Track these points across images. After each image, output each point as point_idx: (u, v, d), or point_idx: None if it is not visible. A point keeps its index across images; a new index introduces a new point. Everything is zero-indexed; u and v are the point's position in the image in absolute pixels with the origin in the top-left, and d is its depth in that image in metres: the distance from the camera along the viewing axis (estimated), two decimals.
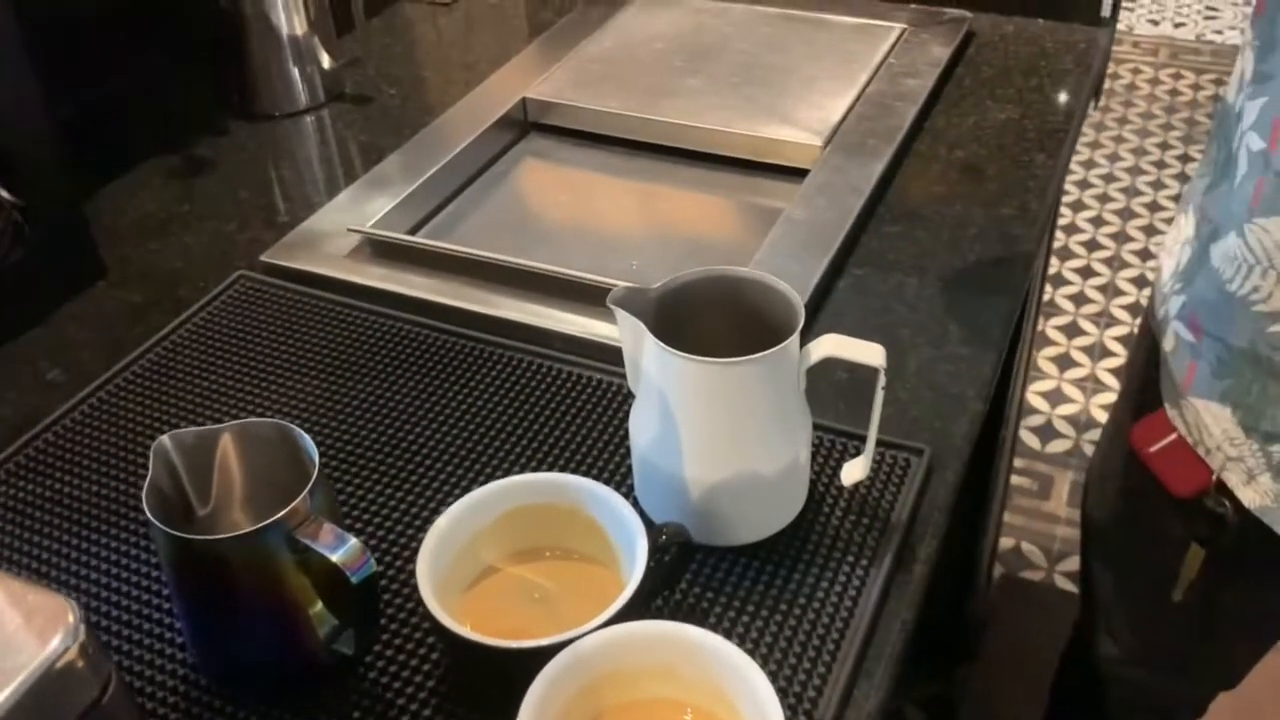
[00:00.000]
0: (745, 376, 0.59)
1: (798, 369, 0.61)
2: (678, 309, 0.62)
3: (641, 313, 0.60)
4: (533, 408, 0.75)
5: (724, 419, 0.60)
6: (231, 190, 1.01)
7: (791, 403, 0.62)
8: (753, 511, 0.63)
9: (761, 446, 0.61)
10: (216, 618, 0.57)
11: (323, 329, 0.82)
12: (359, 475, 0.70)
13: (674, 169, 1.03)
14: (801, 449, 0.63)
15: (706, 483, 0.61)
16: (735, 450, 0.61)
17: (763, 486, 0.62)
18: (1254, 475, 0.74)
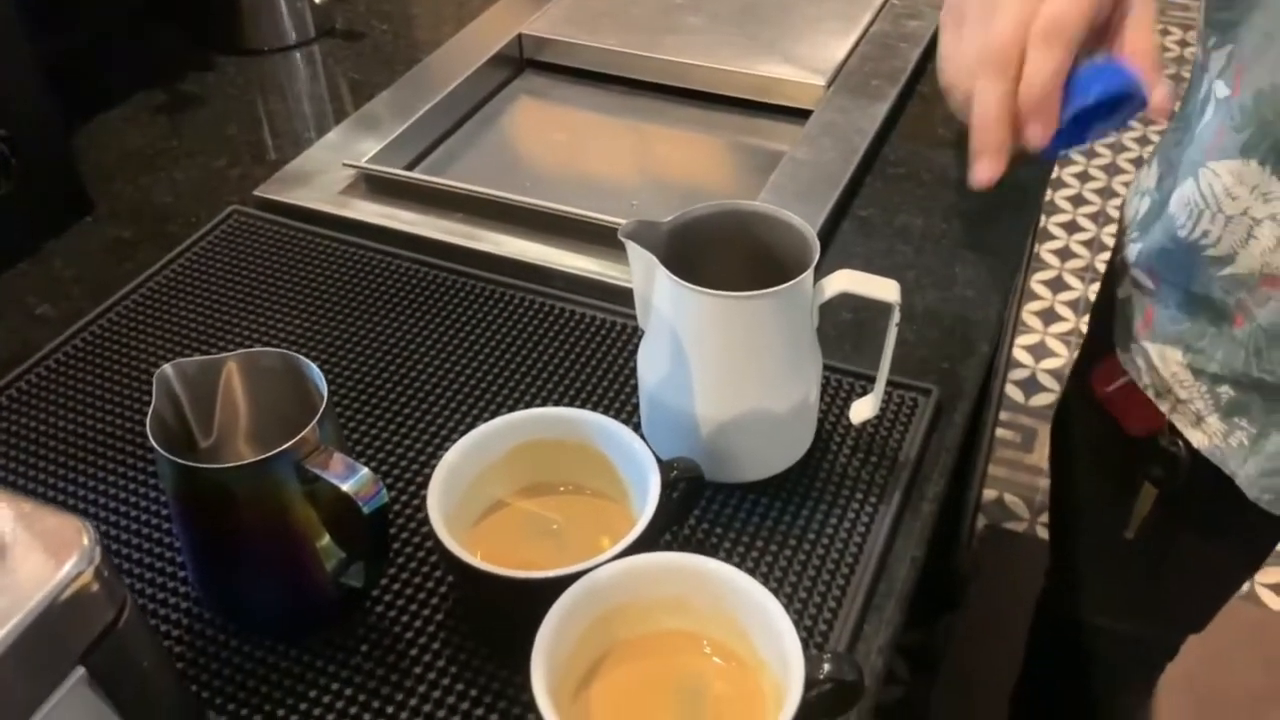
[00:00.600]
0: (759, 311, 0.58)
1: (811, 305, 0.61)
2: (689, 244, 0.61)
3: (653, 246, 0.59)
4: (534, 346, 0.74)
5: (737, 355, 0.59)
6: (220, 126, 0.99)
7: (804, 339, 0.61)
8: (762, 449, 0.63)
9: (773, 383, 0.60)
10: (222, 550, 0.56)
11: (318, 265, 0.81)
12: (361, 410, 0.69)
13: (673, 108, 1.01)
14: (812, 387, 0.63)
15: (716, 420, 0.61)
16: (746, 387, 0.60)
17: (773, 424, 0.61)
18: (1202, 417, 0.74)
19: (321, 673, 0.55)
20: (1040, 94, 0.52)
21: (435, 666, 0.56)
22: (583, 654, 0.51)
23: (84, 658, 0.38)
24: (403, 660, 0.56)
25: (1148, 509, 0.84)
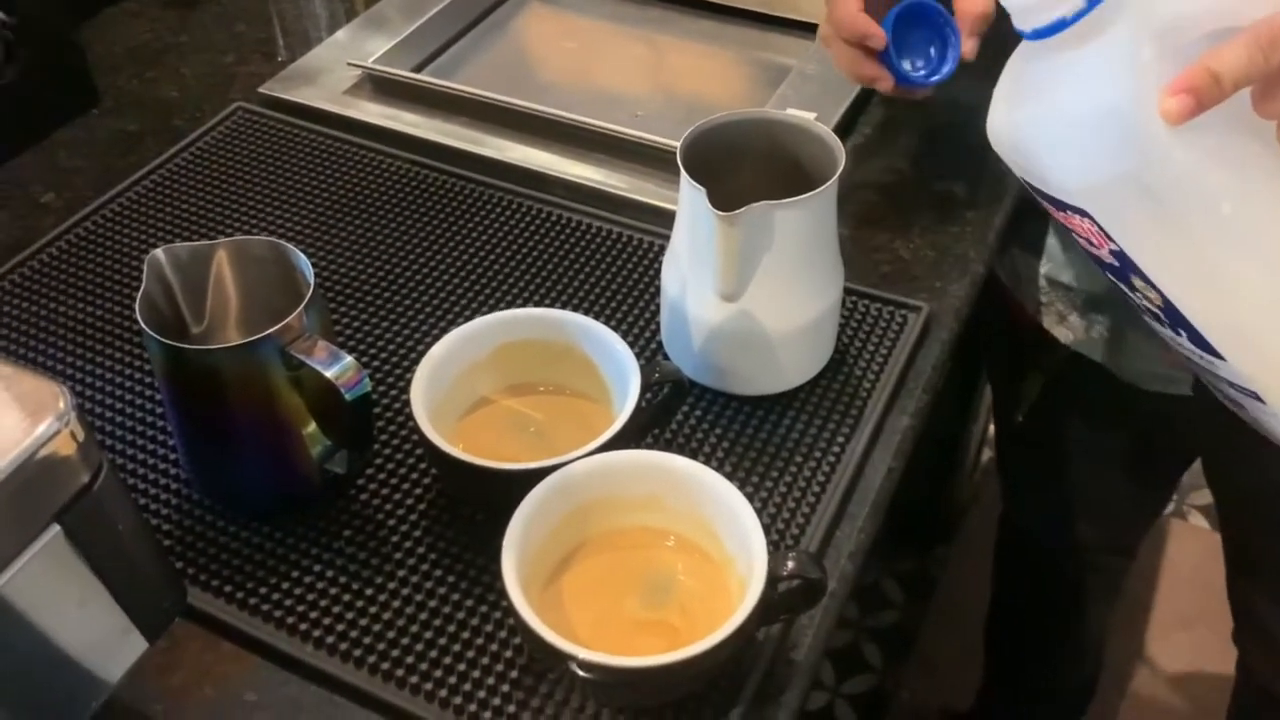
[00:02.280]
0: (782, 221, 0.57)
1: (835, 217, 0.60)
2: (711, 152, 0.61)
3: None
4: (531, 251, 0.74)
5: (756, 267, 0.59)
6: (228, 23, 0.98)
7: (827, 253, 0.61)
8: (777, 364, 0.63)
9: (793, 297, 0.60)
10: (209, 433, 0.57)
11: (319, 163, 0.81)
12: (355, 306, 0.70)
13: (684, 20, 1.00)
14: (833, 302, 0.63)
15: (732, 332, 0.61)
16: (764, 299, 0.60)
17: (789, 339, 0.62)
18: (1064, 316, 0.80)
19: (304, 555, 0.57)
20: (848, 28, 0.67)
21: (415, 553, 0.57)
22: (555, 546, 0.52)
23: (59, 516, 0.39)
24: (384, 546, 0.57)
25: (1034, 393, 0.91)
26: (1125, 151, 0.45)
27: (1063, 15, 0.45)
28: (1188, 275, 0.49)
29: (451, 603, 0.55)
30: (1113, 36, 0.44)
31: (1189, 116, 0.42)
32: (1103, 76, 0.44)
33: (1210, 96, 0.42)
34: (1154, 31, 0.43)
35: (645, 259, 0.73)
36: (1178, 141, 0.44)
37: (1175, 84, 0.42)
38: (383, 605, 0.55)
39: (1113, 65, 0.44)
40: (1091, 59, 0.45)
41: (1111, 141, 0.45)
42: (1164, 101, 0.42)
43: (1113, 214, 0.48)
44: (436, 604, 0.55)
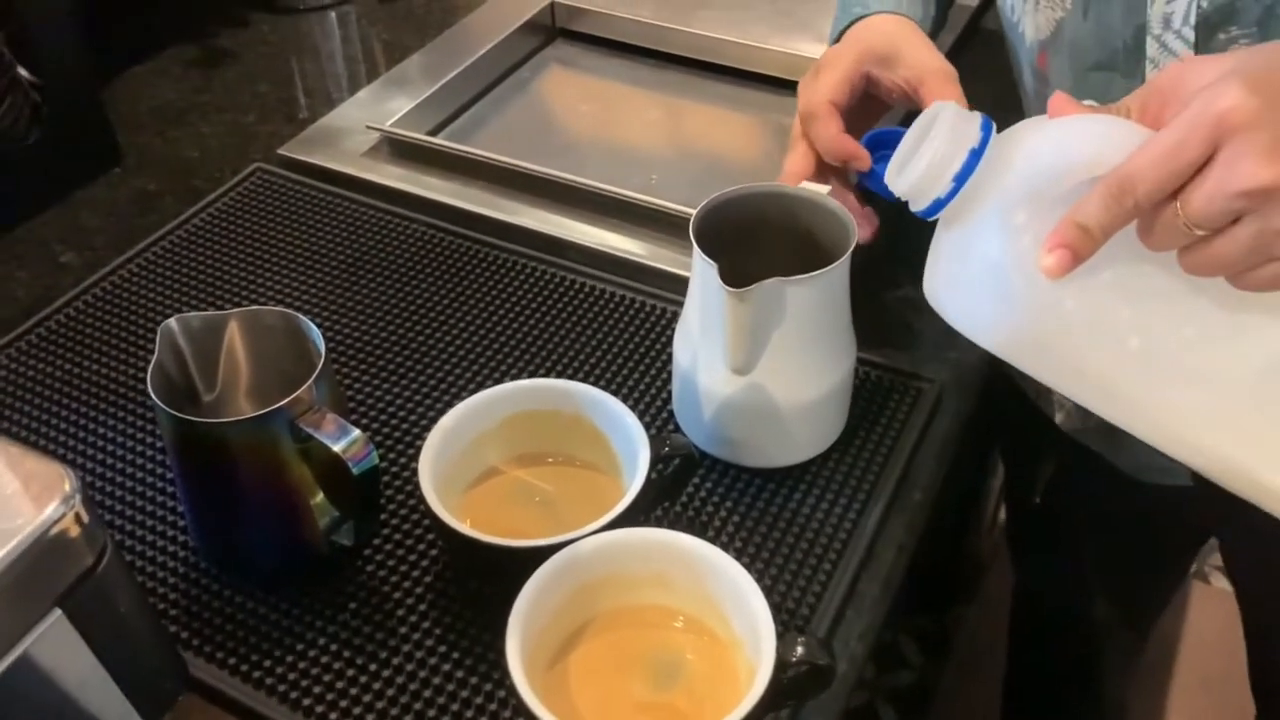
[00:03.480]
0: (794, 297, 0.57)
1: (847, 292, 0.60)
2: (724, 224, 0.61)
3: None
4: (544, 317, 0.74)
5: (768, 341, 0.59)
6: (251, 83, 1.00)
7: (839, 327, 0.61)
8: (789, 437, 0.63)
9: (804, 371, 0.60)
10: (218, 503, 0.57)
11: (337, 226, 0.82)
12: (367, 371, 0.70)
13: (703, 84, 1.01)
14: (844, 376, 0.62)
15: (742, 405, 0.61)
16: (776, 373, 0.60)
17: (801, 413, 0.61)
18: (1063, 404, 0.80)
19: (309, 627, 0.57)
20: (832, 152, 0.64)
21: (420, 628, 0.57)
22: (561, 624, 0.52)
23: (61, 600, 0.39)
24: (389, 619, 0.57)
25: (1049, 472, 0.91)
26: (1020, 309, 0.46)
27: (938, 196, 0.47)
28: (1125, 408, 0.49)
29: (456, 680, 0.54)
30: (990, 205, 0.46)
31: (1068, 269, 0.44)
32: (988, 242, 0.46)
33: (1084, 247, 0.43)
34: (1022, 196, 0.45)
35: (659, 325, 0.73)
36: (1066, 292, 0.45)
37: (1049, 241, 0.44)
38: (386, 681, 0.54)
39: (993, 231, 0.46)
40: (977, 227, 0.47)
41: (1005, 301, 0.46)
42: (1041, 259, 0.44)
43: (1030, 364, 0.49)
44: (440, 680, 0.54)
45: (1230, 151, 0.38)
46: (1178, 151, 0.39)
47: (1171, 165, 0.40)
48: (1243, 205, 0.39)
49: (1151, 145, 0.40)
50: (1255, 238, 0.39)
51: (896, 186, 0.50)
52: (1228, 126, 0.38)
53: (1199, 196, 0.39)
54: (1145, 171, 0.40)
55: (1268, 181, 0.38)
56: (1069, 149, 0.46)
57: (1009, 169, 0.46)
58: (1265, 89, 0.38)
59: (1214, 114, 0.39)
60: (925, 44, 0.67)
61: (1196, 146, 0.39)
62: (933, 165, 0.47)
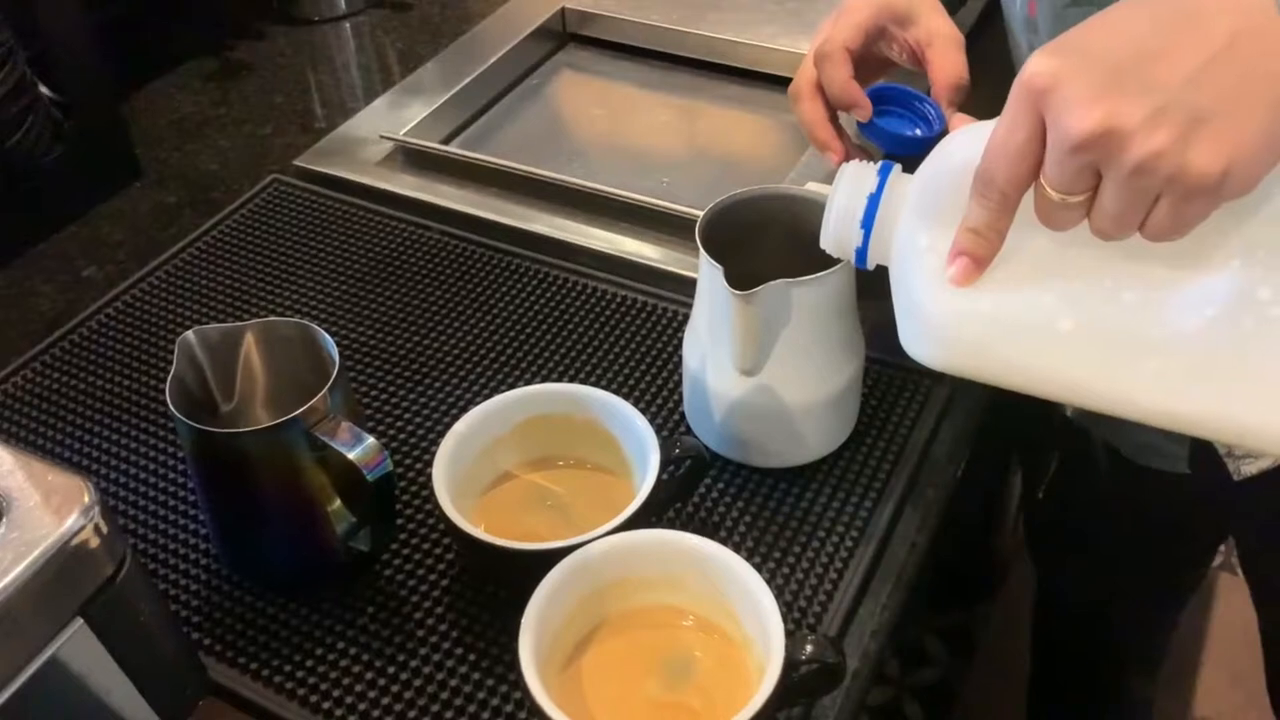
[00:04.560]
0: (799, 298, 0.58)
1: (854, 294, 0.61)
2: (732, 226, 0.62)
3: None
4: (557, 321, 0.75)
5: (775, 342, 0.59)
6: (268, 95, 1.01)
7: (845, 328, 0.61)
8: (797, 437, 0.63)
9: (811, 372, 0.61)
10: (237, 511, 0.58)
11: (353, 235, 0.83)
12: (384, 379, 0.71)
13: (714, 85, 1.01)
14: (852, 377, 0.63)
15: (751, 406, 0.61)
16: (783, 375, 0.60)
17: (809, 413, 0.62)
18: None
19: (328, 631, 0.58)
20: (840, 96, 0.67)
21: (437, 630, 0.57)
22: (574, 626, 0.53)
23: (83, 609, 0.40)
24: (406, 623, 0.58)
25: (1050, 471, 0.93)
26: (946, 325, 0.47)
27: (856, 246, 0.50)
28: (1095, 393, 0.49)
29: (473, 682, 0.55)
30: (900, 238, 0.49)
31: (973, 274, 0.45)
32: (907, 272, 0.48)
33: (979, 249, 0.44)
34: (920, 219, 0.47)
35: (670, 327, 0.74)
36: (982, 295, 0.46)
37: (950, 253, 0.45)
38: (404, 684, 0.55)
39: (908, 260, 0.48)
40: (896, 262, 0.49)
41: (934, 321, 0.47)
42: (948, 272, 0.45)
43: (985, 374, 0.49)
44: (458, 683, 0.55)
45: (1052, 114, 0.39)
46: (1010, 133, 0.40)
47: (1010, 147, 0.41)
48: (1087, 157, 0.39)
49: (993, 135, 0.41)
50: (1123, 183, 0.39)
51: (826, 247, 0.52)
52: (1038, 92, 0.39)
53: (1049, 166, 0.40)
54: (994, 161, 0.42)
55: (1094, 125, 0.38)
56: (947, 163, 0.47)
57: (906, 200, 0.49)
58: (1061, 49, 0.39)
59: (1022, 88, 0.40)
60: (939, 10, 0.69)
61: (1024, 123, 0.40)
62: (839, 219, 0.50)
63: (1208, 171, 0.38)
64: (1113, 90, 0.38)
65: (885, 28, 0.70)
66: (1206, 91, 0.38)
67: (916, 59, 0.72)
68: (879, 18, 0.69)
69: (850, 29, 0.69)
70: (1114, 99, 0.38)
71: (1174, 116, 0.37)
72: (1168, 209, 0.39)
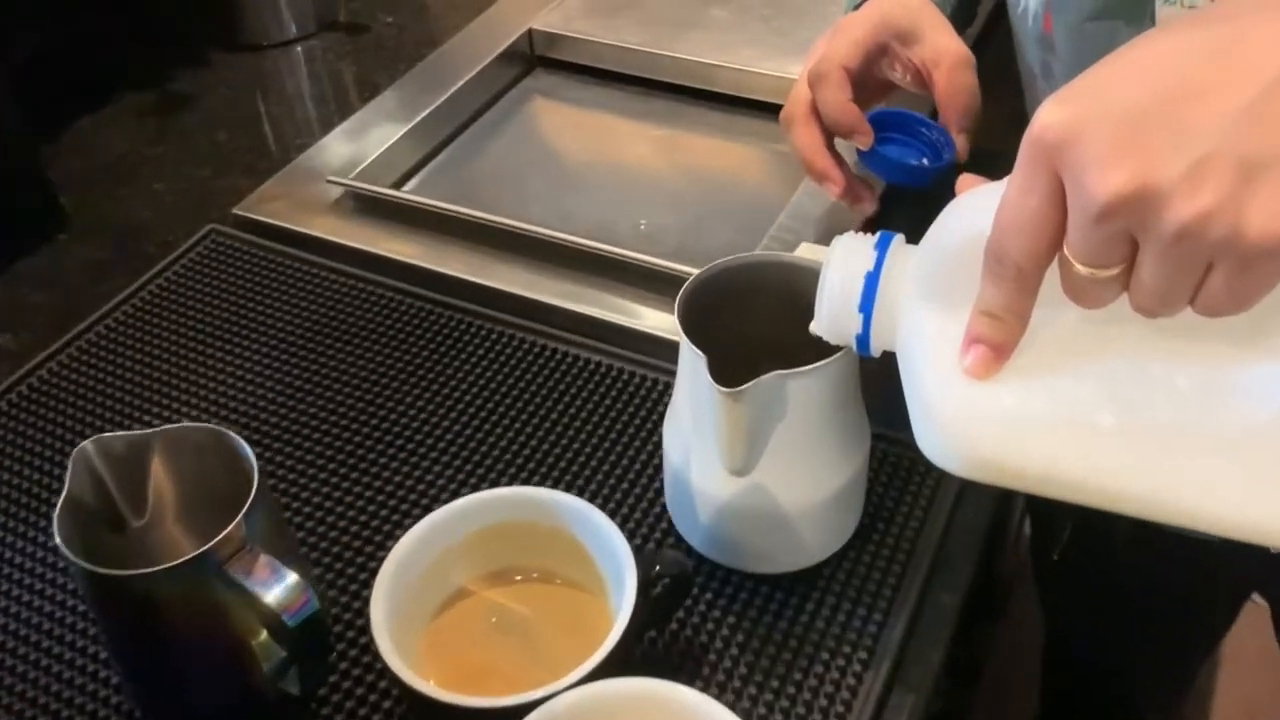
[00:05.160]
0: (795, 391, 0.50)
1: (858, 376, 0.53)
2: (711, 298, 0.54)
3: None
4: (524, 394, 0.67)
5: (767, 439, 0.51)
6: (209, 131, 0.93)
7: (846, 418, 0.53)
8: (794, 540, 0.55)
9: (808, 470, 0.53)
10: (145, 654, 0.50)
11: (294, 295, 0.75)
12: (322, 471, 0.63)
13: (695, 112, 0.93)
14: (855, 472, 0.55)
15: (740, 507, 0.54)
16: (776, 474, 0.52)
17: (808, 514, 0.54)
18: None
19: None
20: (838, 119, 0.64)
21: None
22: None
23: None
24: None
25: (1066, 535, 0.89)
26: (964, 423, 0.40)
27: (856, 333, 0.43)
28: (1135, 499, 0.41)
29: None
30: (906, 322, 0.41)
31: (992, 364, 0.38)
32: (915, 361, 0.41)
33: (998, 335, 0.37)
34: (926, 301, 0.40)
35: (650, 399, 0.66)
36: (1004, 388, 0.38)
37: (963, 341, 0.38)
38: None
39: (916, 348, 0.41)
40: (903, 351, 0.42)
41: (949, 419, 0.40)
42: (963, 363, 0.38)
43: (1008, 480, 0.41)
44: None
45: (1071, 174, 0.32)
46: (1023, 198, 0.34)
47: (1024, 215, 0.34)
48: (1117, 223, 0.32)
49: (1003, 200, 0.34)
50: (1165, 253, 0.32)
51: (820, 333, 0.45)
52: (1052, 148, 0.32)
53: (1072, 235, 0.33)
54: (1006, 232, 0.34)
55: (1122, 185, 0.31)
56: (952, 234, 0.40)
57: (910, 279, 0.41)
58: (1076, 95, 0.32)
59: (1033, 144, 0.33)
60: (945, 26, 0.63)
61: (1038, 185, 0.33)
62: (834, 302, 0.43)
63: (1270, 231, 0.30)
64: (1142, 140, 0.31)
65: (887, 45, 0.64)
66: (1258, 135, 0.30)
67: (922, 80, 0.65)
68: (880, 34, 0.63)
69: (848, 46, 0.63)
70: (1145, 151, 0.31)
71: (1220, 167, 0.30)
72: (1223, 280, 0.32)
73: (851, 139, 0.66)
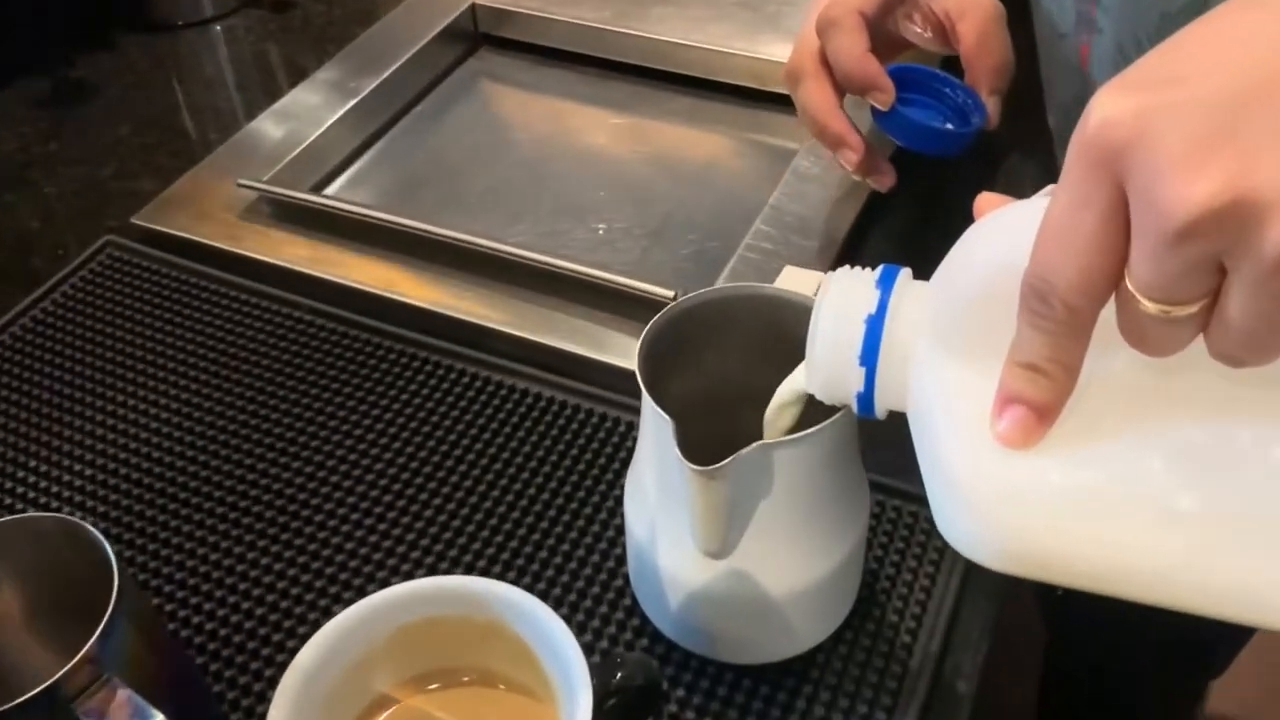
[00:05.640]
0: (788, 462, 0.41)
1: (856, 437, 0.44)
2: (680, 336, 0.45)
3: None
4: (463, 438, 0.57)
5: (747, 514, 0.42)
6: (112, 125, 0.82)
7: (842, 487, 0.45)
8: (780, 627, 0.46)
9: (794, 551, 0.44)
10: None
11: (199, 322, 0.65)
12: (215, 551, 0.54)
13: (658, 97, 0.84)
14: (851, 547, 0.46)
15: (716, 591, 0.45)
16: (758, 555, 0.43)
17: (795, 598, 0.45)
18: None
19: None
20: (854, 73, 0.56)
21: None
22: None
23: None
24: None
25: None
26: (1001, 507, 0.31)
27: (857, 390, 0.35)
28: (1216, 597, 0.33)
29: None
30: (921, 377, 0.33)
31: (1034, 431, 0.29)
32: (936, 427, 0.32)
33: (1044, 394, 0.29)
34: (946, 350, 0.32)
35: (610, 441, 0.57)
36: (1049, 462, 0.30)
37: (995, 402, 0.30)
38: None
39: (935, 411, 0.32)
40: (919, 413, 0.34)
41: (981, 501, 0.31)
42: (996, 429, 0.30)
43: (1055, 575, 0.33)
44: None
45: (1140, 183, 0.25)
46: (1074, 215, 0.26)
47: (1076, 236, 0.26)
48: (1200, 247, 0.24)
49: (1046, 218, 0.27)
50: (1263, 283, 0.24)
51: (815, 392, 0.37)
52: (1113, 151, 0.25)
53: (1139, 262, 0.25)
54: (1052, 259, 0.27)
55: (1206, 199, 0.23)
56: (976, 264, 0.31)
57: (923, 323, 0.33)
58: (1145, 81, 0.25)
59: (1089, 144, 0.25)
60: None
61: (1097, 197, 0.26)
62: (828, 353, 0.35)
63: None
64: (1235, 138, 0.24)
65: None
66: None
67: (944, 36, 0.58)
68: None
69: None
70: (1239, 152, 0.23)
71: None
72: None
73: (868, 96, 0.57)
